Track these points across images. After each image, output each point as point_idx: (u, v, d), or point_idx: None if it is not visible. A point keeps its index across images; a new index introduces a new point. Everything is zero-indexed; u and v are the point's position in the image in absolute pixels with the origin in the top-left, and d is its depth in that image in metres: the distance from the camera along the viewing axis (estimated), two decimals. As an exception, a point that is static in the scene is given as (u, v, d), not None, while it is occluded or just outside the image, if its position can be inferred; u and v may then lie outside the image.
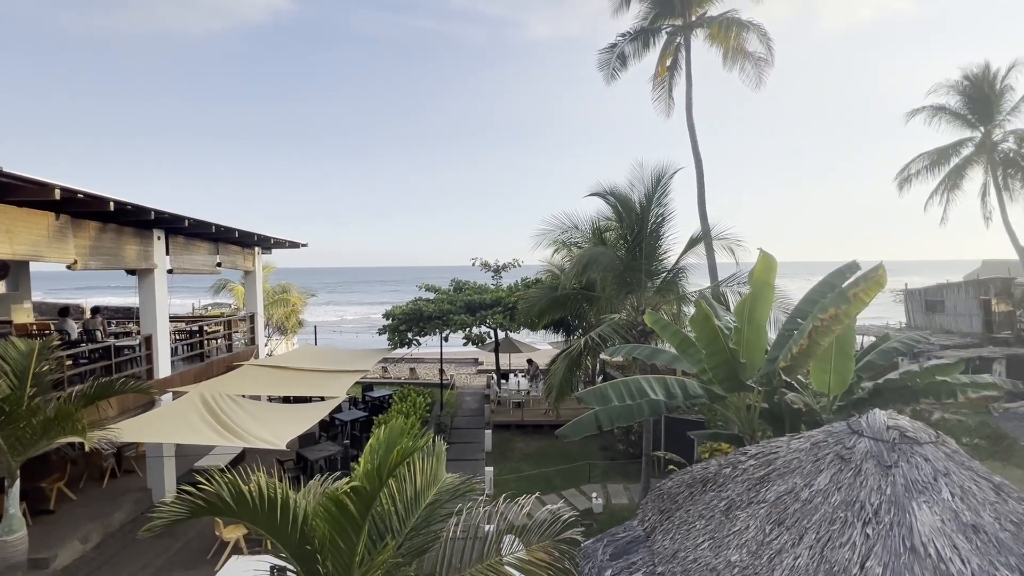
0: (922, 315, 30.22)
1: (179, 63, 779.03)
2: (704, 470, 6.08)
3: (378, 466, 4.04)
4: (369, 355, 16.93)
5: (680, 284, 13.27)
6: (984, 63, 22.09)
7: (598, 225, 15.28)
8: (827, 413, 6.90)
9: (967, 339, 25.29)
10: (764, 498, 5.01)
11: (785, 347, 6.12)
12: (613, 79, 20.66)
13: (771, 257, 6.20)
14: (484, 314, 18.18)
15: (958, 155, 22.87)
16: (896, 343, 7.30)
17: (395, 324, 18.75)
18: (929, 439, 4.42)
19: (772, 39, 18.19)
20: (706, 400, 6.85)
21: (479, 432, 17.50)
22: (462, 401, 22.59)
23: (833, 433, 4.92)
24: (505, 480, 13.64)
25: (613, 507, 12.41)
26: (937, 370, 6.57)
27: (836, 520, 4.26)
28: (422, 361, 31.86)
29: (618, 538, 6.88)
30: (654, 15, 19.91)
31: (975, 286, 27.13)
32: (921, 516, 3.83)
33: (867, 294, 5.32)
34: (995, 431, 15.62)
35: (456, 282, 20.93)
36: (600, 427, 6.90)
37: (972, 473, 4.16)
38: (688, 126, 18.56)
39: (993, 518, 3.79)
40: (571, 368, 11.67)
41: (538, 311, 15.38)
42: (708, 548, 5.17)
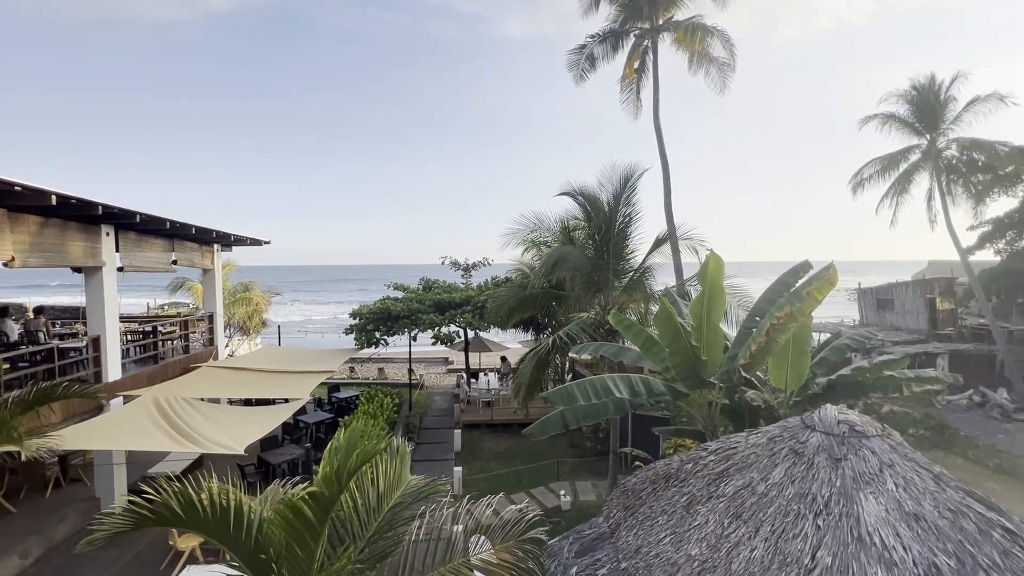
0: (874, 313, 31.74)
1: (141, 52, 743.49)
2: (667, 466, 6.19)
3: (337, 470, 3.93)
4: (335, 355, 16.56)
5: (647, 283, 13.49)
6: (930, 74, 23.29)
7: (567, 224, 15.37)
8: (784, 408, 7.13)
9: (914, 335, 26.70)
10: (723, 492, 5.13)
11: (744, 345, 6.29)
12: (582, 80, 20.85)
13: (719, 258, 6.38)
14: (453, 313, 18.05)
15: (906, 161, 24.05)
16: (847, 340, 7.62)
17: (362, 323, 18.40)
18: (876, 432, 4.62)
19: (735, 45, 18.73)
20: (669, 397, 6.98)
21: (448, 432, 17.38)
22: (432, 401, 22.39)
23: (788, 428, 5.08)
24: (474, 480, 13.59)
25: (581, 504, 12.53)
26: (885, 366, 6.89)
27: (790, 512, 4.40)
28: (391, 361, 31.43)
29: (584, 535, 6.94)
30: (623, 18, 20.18)
31: (921, 285, 28.67)
32: (867, 507, 4.00)
33: (820, 292, 5.53)
34: (939, 422, 16.56)
35: (425, 281, 20.72)
36: (567, 426, 6.94)
37: (914, 464, 4.37)
38: (655, 128, 18.91)
39: (932, 506, 3.99)
40: (540, 367, 11.71)
41: (507, 310, 15.36)
42: (670, 543, 5.26)
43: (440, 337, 17.94)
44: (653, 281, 13.82)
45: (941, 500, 4.07)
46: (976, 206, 23.67)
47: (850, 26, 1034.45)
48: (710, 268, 6.45)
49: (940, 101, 22.96)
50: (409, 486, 5.48)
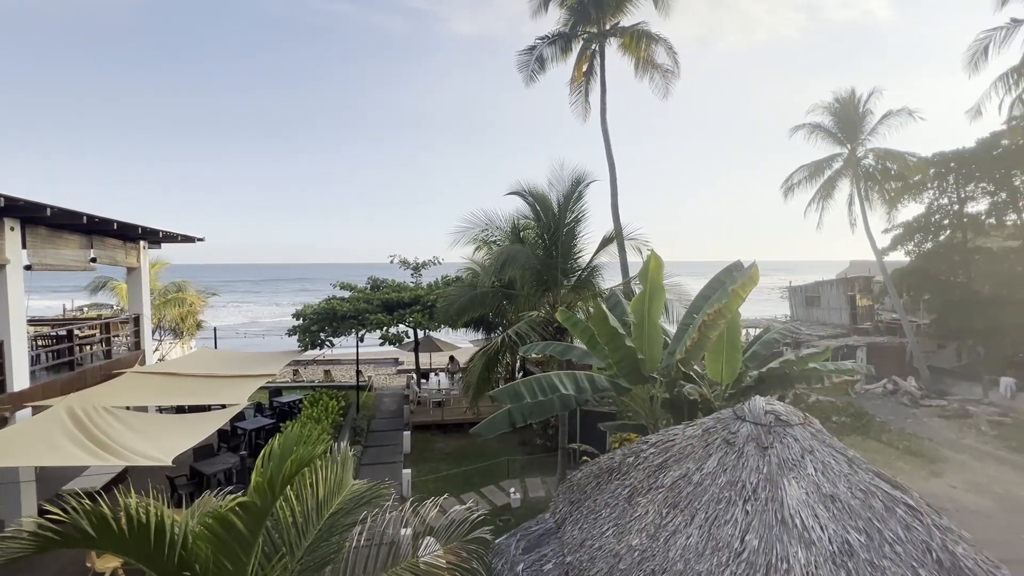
0: (803, 309, 34.03)
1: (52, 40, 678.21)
2: (610, 460, 6.35)
3: (270, 478, 3.76)
4: (276, 358, 15.83)
5: (594, 282, 13.79)
6: (851, 89, 25.27)
7: (517, 224, 15.45)
8: (720, 401, 7.50)
9: (838, 330, 28.85)
10: (662, 483, 5.33)
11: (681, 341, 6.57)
12: (532, 81, 21.03)
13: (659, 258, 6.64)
14: (402, 313, 17.70)
15: (830, 168, 25.96)
16: (775, 334, 8.13)
17: (306, 324, 17.70)
18: (799, 421, 4.94)
19: (678, 53, 19.48)
20: (613, 393, 7.17)
21: (398, 434, 17.06)
22: (381, 403, 21.89)
23: (721, 419, 5.35)
24: (424, 481, 13.41)
25: (531, 501, 12.64)
26: (808, 358, 7.40)
27: (722, 500, 4.63)
28: (338, 363, 30.46)
29: (531, 532, 7.00)
30: (572, 21, 20.49)
31: (843, 284, 31.02)
32: (790, 491, 4.27)
33: (744, 290, 5.86)
34: (858, 410, 17.98)
35: (373, 280, 20.20)
36: (514, 424, 6.97)
37: (831, 449, 4.71)
38: (602, 130, 19.35)
39: (846, 488, 4.32)
40: (489, 366, 11.70)
41: (457, 309, 15.24)
42: (612, 534, 5.41)
43: (388, 337, 17.54)
44: (600, 280, 14.16)
45: (854, 482, 4.41)
46: (889, 211, 25.89)
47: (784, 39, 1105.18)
48: (650, 268, 6.69)
49: (859, 114, 24.93)
50: (351, 491, 5.33)
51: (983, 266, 23.86)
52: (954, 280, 24.46)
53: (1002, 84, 18.03)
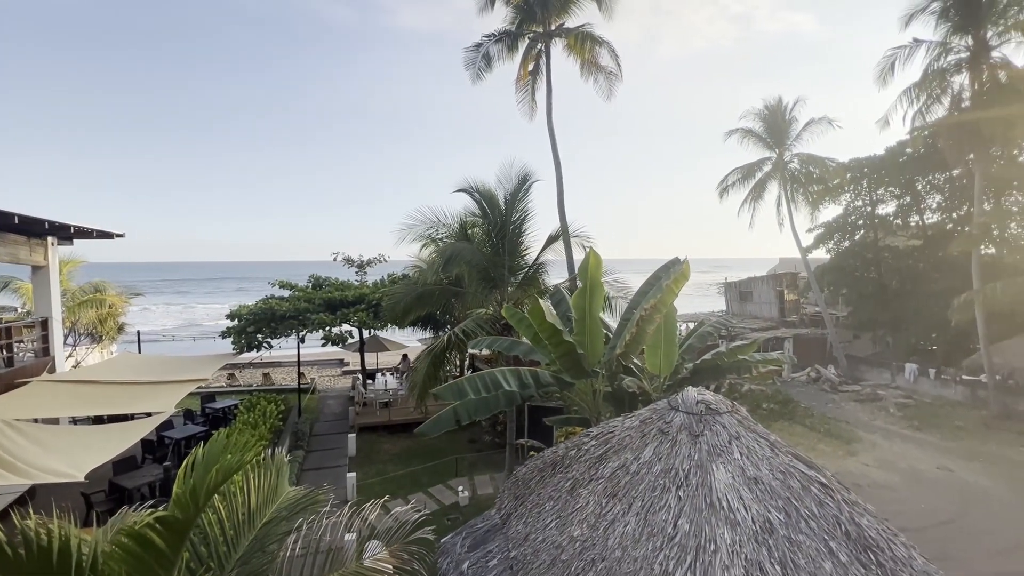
0: (737, 304, 36.06)
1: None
2: (554, 454, 6.46)
3: (193, 489, 3.53)
4: (208, 361, 14.90)
5: (540, 279, 13.96)
6: (778, 97, 27.03)
7: (465, 221, 15.37)
8: (658, 392, 7.81)
9: (768, 323, 30.81)
10: (602, 474, 5.48)
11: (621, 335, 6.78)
12: (479, 79, 20.93)
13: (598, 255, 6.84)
14: (346, 312, 17.17)
15: (761, 171, 27.66)
16: (709, 328, 8.57)
17: (241, 325, 16.79)
18: (727, 409, 5.23)
19: (620, 56, 20.02)
20: (556, 388, 7.30)
21: (342, 437, 16.57)
22: (324, 405, 21.16)
23: (657, 410, 5.57)
24: (370, 484, 13.11)
25: (479, 498, 12.64)
26: (738, 350, 7.85)
27: (657, 487, 4.82)
28: (279, 365, 29.18)
29: (477, 529, 7.01)
30: (518, 20, 20.57)
31: (772, 280, 33.15)
32: (718, 475, 4.52)
33: (676, 285, 6.14)
34: (785, 397, 19.28)
35: (315, 278, 19.45)
36: (459, 421, 6.94)
37: (756, 435, 5.02)
38: (548, 130, 19.58)
39: (768, 470, 4.62)
40: (436, 364, 11.58)
41: (404, 308, 14.97)
42: (555, 527, 5.50)
43: (331, 338, 16.96)
44: (547, 277, 14.35)
45: (775, 464, 4.72)
46: (812, 212, 27.92)
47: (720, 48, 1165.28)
48: (590, 264, 6.85)
49: (785, 120, 26.68)
50: (287, 498, 5.12)
51: (891, 263, 26.27)
52: (867, 276, 26.74)
53: (906, 97, 19.85)
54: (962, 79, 18.99)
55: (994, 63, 18.36)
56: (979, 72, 18.39)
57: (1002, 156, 20.79)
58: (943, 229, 25.28)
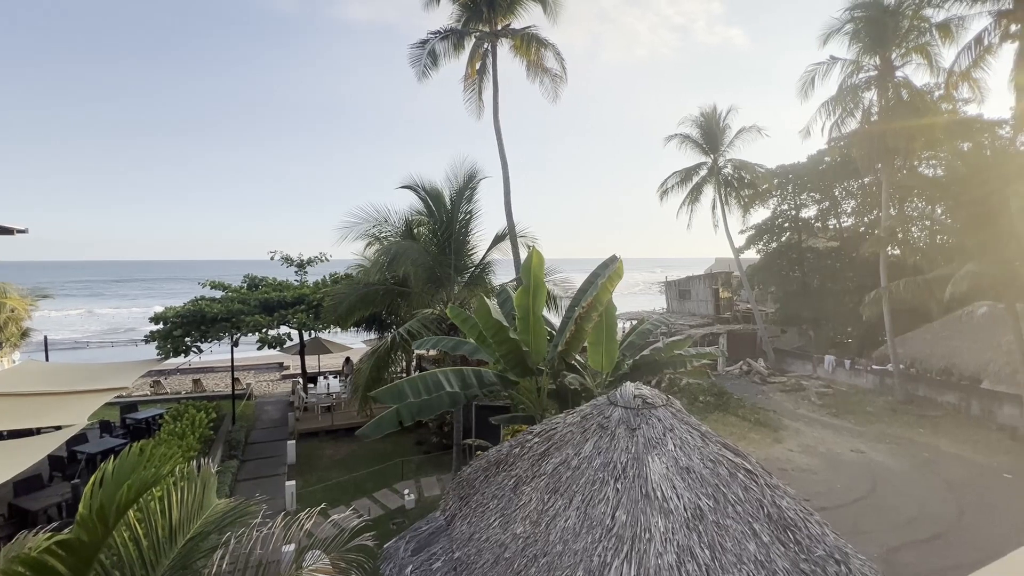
0: (677, 302, 37.69)
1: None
2: (498, 453, 6.48)
3: (100, 508, 3.24)
4: (129, 368, 13.77)
5: (487, 278, 13.96)
6: (713, 105, 28.50)
7: (410, 219, 15.11)
8: (600, 388, 8.02)
9: (704, 320, 32.40)
10: (544, 470, 5.55)
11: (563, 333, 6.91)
12: (425, 76, 20.59)
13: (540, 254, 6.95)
14: (284, 313, 16.39)
15: (697, 175, 29.07)
16: (648, 325, 8.90)
17: (168, 329, 15.63)
18: (662, 403, 5.44)
19: (565, 59, 20.36)
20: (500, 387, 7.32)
21: (281, 444, 15.84)
22: (262, 412, 20.13)
23: (597, 406, 5.71)
24: (311, 492, 12.62)
25: (426, 501, 12.48)
26: (674, 345, 8.20)
27: (596, 481, 4.95)
28: (211, 371, 27.47)
29: (421, 532, 6.90)
30: (464, 18, 20.45)
31: (708, 278, 34.91)
32: (653, 466, 4.70)
33: (611, 283, 6.34)
34: (720, 389, 20.35)
35: (250, 278, 18.44)
36: (401, 423, 6.81)
37: (688, 426, 5.26)
38: (495, 130, 19.60)
39: (699, 459, 4.85)
40: (380, 366, 11.31)
41: (347, 308, 14.49)
42: (498, 525, 5.52)
43: (267, 340, 16.13)
44: (493, 276, 14.37)
45: (705, 453, 4.97)
46: (744, 214, 29.66)
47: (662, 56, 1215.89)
48: (533, 263, 6.93)
49: (720, 128, 28.17)
50: (215, 512, 4.82)
51: (812, 262, 28.41)
52: (792, 275, 28.78)
53: (824, 110, 21.51)
54: (871, 95, 20.82)
55: (898, 81, 20.28)
56: (885, 89, 20.25)
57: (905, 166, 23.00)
58: (857, 232, 27.63)
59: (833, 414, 19.02)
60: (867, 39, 20.12)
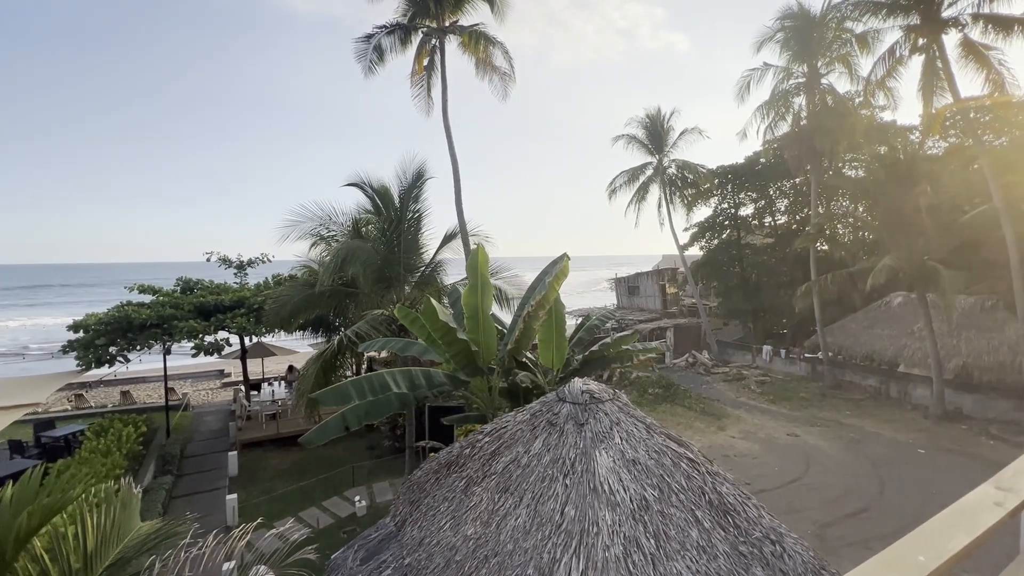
0: (626, 298, 38.74)
1: None
2: (448, 454, 6.38)
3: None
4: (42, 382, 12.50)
5: (438, 278, 13.77)
6: (658, 107, 29.48)
7: (357, 218, 14.66)
8: (551, 385, 8.08)
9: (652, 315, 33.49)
10: (495, 470, 5.51)
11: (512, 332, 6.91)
12: (371, 72, 20.08)
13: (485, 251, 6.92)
14: (222, 318, 15.50)
15: (644, 175, 29.99)
16: (595, 320, 9.06)
17: (89, 338, 14.39)
18: (609, 397, 5.53)
19: (514, 59, 20.42)
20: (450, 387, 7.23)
21: (222, 456, 14.99)
22: (200, 423, 18.98)
23: (546, 403, 5.73)
24: (255, 504, 12.02)
25: (378, 506, 12.18)
26: (621, 340, 8.39)
27: (546, 478, 4.96)
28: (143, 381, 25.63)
29: (370, 540, 6.70)
30: (411, 13, 20.08)
31: (656, 275, 36.11)
32: (600, 460, 4.76)
33: (557, 282, 6.42)
34: (667, 382, 21.08)
35: (184, 281, 17.31)
36: (348, 427, 6.58)
37: (634, 419, 5.38)
38: (444, 127, 19.39)
39: (644, 451, 4.97)
40: (327, 370, 10.91)
41: (291, 310, 13.87)
42: (449, 528, 5.43)
43: (204, 347, 15.19)
44: (444, 276, 14.19)
45: (650, 445, 5.10)
46: (688, 212, 30.90)
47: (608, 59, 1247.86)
48: (478, 261, 6.88)
49: (664, 129, 29.17)
50: (137, 535, 4.47)
51: (751, 258, 29.97)
52: (732, 270, 30.24)
53: (759, 113, 22.72)
54: (801, 100, 22.19)
55: (823, 88, 21.72)
56: (813, 95, 21.64)
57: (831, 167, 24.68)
58: (789, 229, 29.40)
59: (771, 401, 20.14)
60: (796, 47, 21.42)
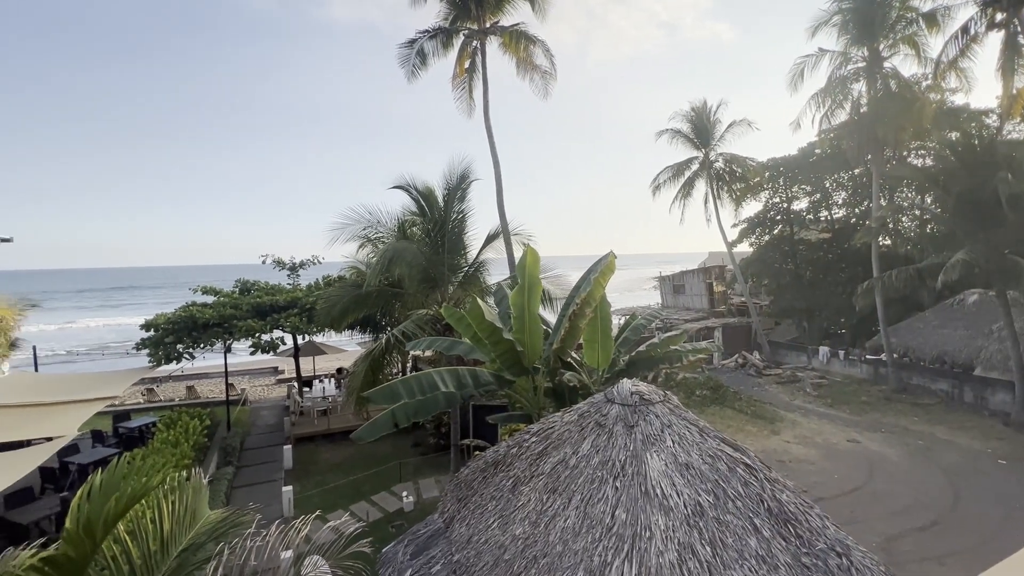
0: (671, 296, 37.77)
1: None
2: (495, 453, 6.42)
3: (88, 522, 3.16)
4: (120, 377, 13.56)
5: (481, 277, 13.88)
6: (703, 100, 28.52)
7: (403, 220, 14.99)
8: (597, 386, 7.98)
9: (699, 314, 32.49)
10: (542, 470, 5.50)
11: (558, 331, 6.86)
12: (414, 76, 20.44)
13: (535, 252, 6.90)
14: (277, 317, 16.24)
15: (689, 170, 29.10)
16: (641, 320, 8.87)
17: (159, 336, 15.44)
18: (659, 399, 5.41)
19: (555, 56, 20.28)
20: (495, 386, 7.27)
21: (277, 449, 15.70)
22: (257, 417, 19.95)
23: (594, 403, 5.66)
24: (308, 497, 12.52)
25: (424, 503, 12.40)
26: (670, 340, 8.17)
27: (595, 480, 4.90)
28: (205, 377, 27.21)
29: (419, 535, 6.84)
30: (452, 16, 20.30)
31: (702, 273, 35.00)
32: (652, 463, 4.66)
33: (604, 278, 6.30)
34: (716, 383, 20.39)
35: (242, 283, 18.26)
36: (397, 424, 6.73)
37: (686, 422, 5.23)
38: (486, 127, 19.50)
39: (698, 455, 4.82)
40: (374, 368, 11.22)
41: (340, 310, 14.37)
42: (497, 527, 5.46)
43: (261, 345, 15.98)
44: (487, 275, 14.29)
45: (704, 449, 4.94)
46: (736, 208, 29.74)
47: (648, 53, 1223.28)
48: (528, 261, 6.87)
49: (710, 122, 28.19)
50: (207, 522, 4.74)
51: (805, 254, 28.53)
52: (785, 267, 28.88)
53: (814, 102, 21.57)
54: (860, 86, 20.90)
55: (886, 72, 20.37)
56: (874, 80, 20.33)
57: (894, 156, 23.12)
58: (848, 223, 27.77)
59: (828, 404, 19.11)
60: (855, 30, 20.18)
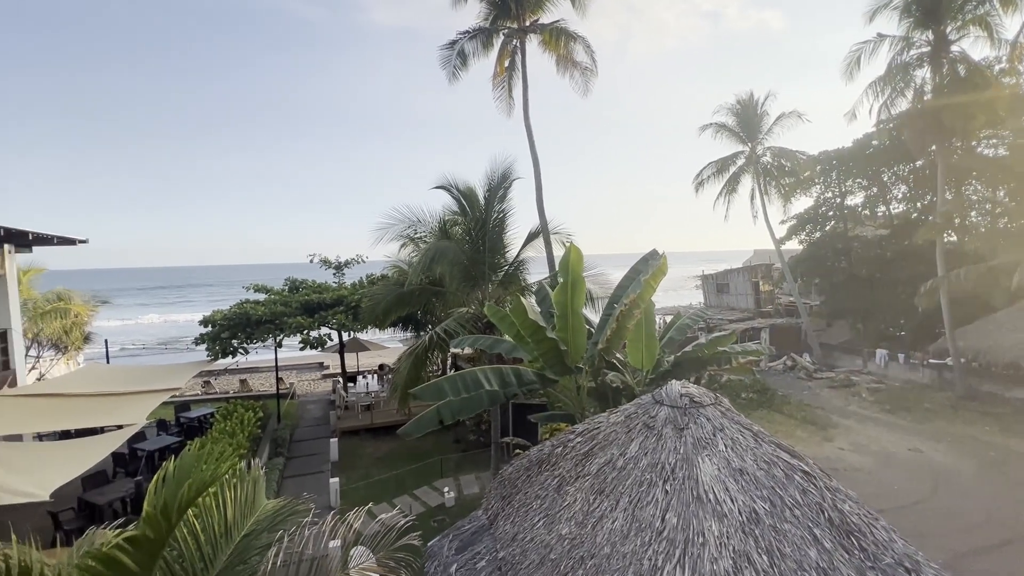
0: (715, 296, 36.67)
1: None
2: (539, 452, 6.42)
3: (164, 506, 3.36)
4: (181, 370, 14.45)
5: (521, 276, 13.91)
6: (750, 92, 27.47)
7: (444, 219, 15.20)
8: (641, 386, 7.84)
9: (745, 313, 31.39)
10: (588, 471, 5.46)
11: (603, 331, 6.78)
12: (455, 78, 20.65)
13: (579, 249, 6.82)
14: (324, 315, 16.83)
15: (734, 165, 28.11)
16: (687, 320, 8.64)
17: (216, 331, 16.31)
18: (711, 401, 5.25)
19: (595, 52, 20.04)
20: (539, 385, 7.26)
21: (324, 442, 16.29)
22: (305, 411, 20.77)
23: (641, 405, 5.56)
24: (354, 489, 12.92)
25: (465, 499, 12.56)
26: (718, 341, 7.93)
27: (644, 482, 4.82)
28: (256, 371, 28.54)
29: (463, 531, 6.93)
30: (492, 16, 20.39)
31: (748, 271, 33.78)
32: (704, 468, 4.53)
33: (655, 280, 6.16)
34: (763, 386, 19.67)
35: (291, 281, 19.03)
36: (442, 421, 6.84)
37: (739, 425, 5.06)
38: (525, 126, 19.49)
39: (752, 460, 4.65)
40: (417, 365, 11.44)
41: (384, 308, 14.75)
42: (543, 526, 5.46)
43: (309, 341, 16.61)
44: (527, 274, 14.30)
45: (759, 454, 4.76)
46: (785, 204, 28.51)
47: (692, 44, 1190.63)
48: (571, 259, 6.82)
49: (757, 115, 27.13)
50: (265, 511, 4.96)
51: (860, 252, 27.02)
52: (838, 265, 27.46)
53: (871, 91, 20.38)
54: (924, 73, 19.58)
55: (953, 57, 19.00)
56: (939, 66, 19.00)
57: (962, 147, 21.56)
58: (908, 218, 26.11)
59: (886, 411, 18.06)
60: (918, 13, 18.91)
